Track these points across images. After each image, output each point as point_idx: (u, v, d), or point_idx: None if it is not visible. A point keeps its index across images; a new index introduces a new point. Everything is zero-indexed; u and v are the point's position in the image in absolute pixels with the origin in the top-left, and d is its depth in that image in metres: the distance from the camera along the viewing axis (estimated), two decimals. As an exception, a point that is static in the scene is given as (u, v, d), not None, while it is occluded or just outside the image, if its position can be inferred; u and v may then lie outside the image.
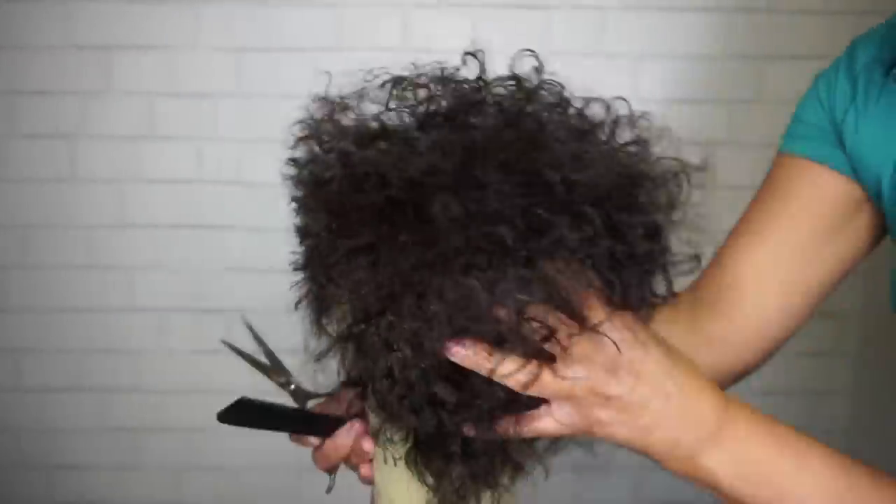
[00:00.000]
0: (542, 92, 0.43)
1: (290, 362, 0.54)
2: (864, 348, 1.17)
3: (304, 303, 0.43)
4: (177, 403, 1.17)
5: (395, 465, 0.45)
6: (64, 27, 1.07)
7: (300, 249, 0.43)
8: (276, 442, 1.03)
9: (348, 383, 0.46)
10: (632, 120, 0.45)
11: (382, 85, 0.42)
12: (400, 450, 0.44)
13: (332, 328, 0.43)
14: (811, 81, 0.64)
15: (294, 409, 0.53)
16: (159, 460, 1.19)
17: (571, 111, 0.43)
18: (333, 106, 0.42)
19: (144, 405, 1.17)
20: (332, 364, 0.44)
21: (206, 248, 1.14)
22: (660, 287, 0.43)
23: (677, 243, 0.43)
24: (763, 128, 1.13)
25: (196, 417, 1.18)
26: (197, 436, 1.18)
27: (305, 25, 1.07)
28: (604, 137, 0.43)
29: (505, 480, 0.44)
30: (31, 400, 1.17)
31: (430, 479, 0.43)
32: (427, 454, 0.43)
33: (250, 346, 0.55)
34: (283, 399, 0.53)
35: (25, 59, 1.08)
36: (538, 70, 0.43)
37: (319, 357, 0.44)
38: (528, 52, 0.43)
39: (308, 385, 0.54)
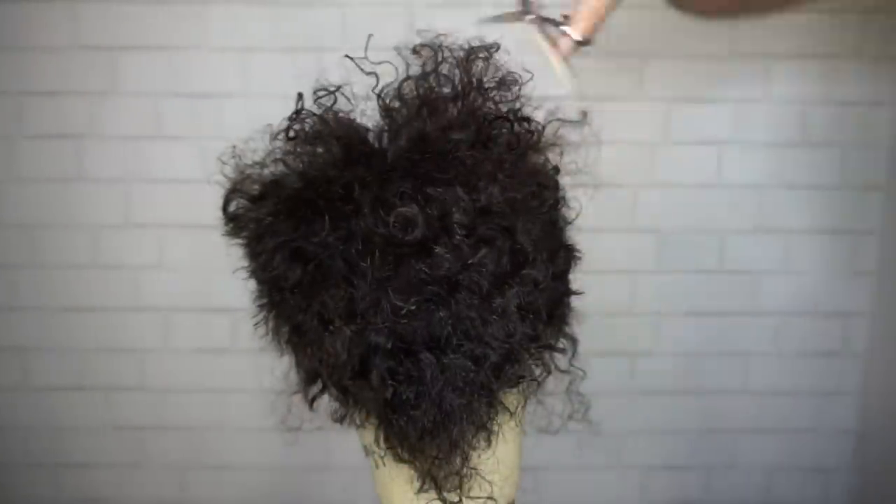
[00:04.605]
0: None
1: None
2: (874, 348, 1.17)
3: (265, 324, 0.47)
4: (182, 402, 1.18)
5: (385, 465, 0.45)
6: (70, 28, 1.07)
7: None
8: (282, 441, 1.03)
9: (308, 381, 0.47)
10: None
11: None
12: (369, 435, 0.45)
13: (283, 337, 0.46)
14: (818, 80, 0.64)
15: None
16: (164, 459, 1.19)
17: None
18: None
19: (149, 404, 1.18)
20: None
21: (212, 248, 1.13)
22: None
23: None
24: (769, 127, 1.13)
25: (201, 416, 1.18)
26: (202, 434, 1.19)
27: (311, 25, 1.08)
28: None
29: (479, 443, 0.45)
30: (37, 399, 1.18)
31: (405, 455, 0.44)
32: (397, 432, 0.43)
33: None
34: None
35: (32, 60, 1.08)
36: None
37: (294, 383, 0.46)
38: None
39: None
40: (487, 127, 0.43)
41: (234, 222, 0.47)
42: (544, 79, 0.46)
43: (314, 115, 0.46)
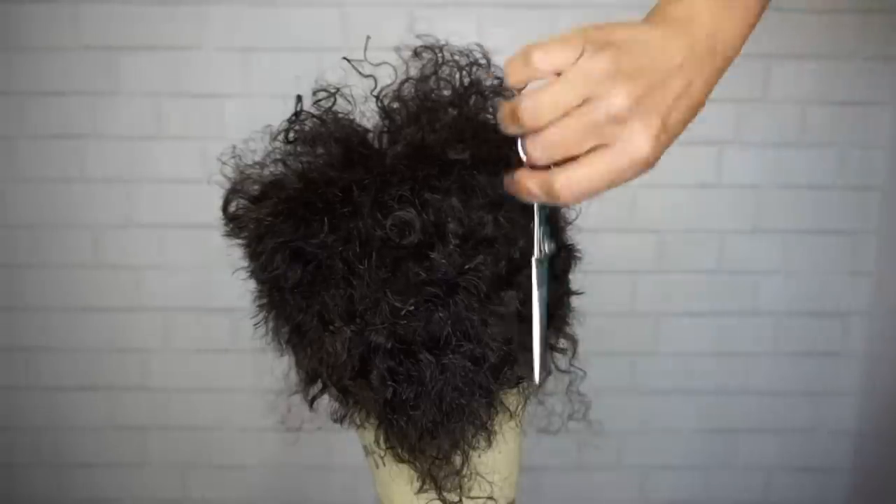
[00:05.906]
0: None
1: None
2: (872, 348, 1.17)
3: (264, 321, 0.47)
4: (183, 402, 1.18)
5: (385, 465, 0.45)
6: (72, 28, 1.08)
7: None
8: (282, 441, 1.03)
9: (308, 381, 0.47)
10: None
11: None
12: (369, 435, 0.45)
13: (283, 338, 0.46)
14: (817, 80, 0.64)
15: None
16: (166, 458, 1.20)
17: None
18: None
19: (151, 404, 1.18)
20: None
21: (213, 248, 1.14)
22: None
23: None
24: (769, 127, 1.13)
25: (202, 416, 1.19)
26: (203, 434, 1.19)
27: (311, 25, 1.08)
28: None
29: (479, 443, 0.45)
30: (40, 398, 1.18)
31: (405, 455, 0.44)
32: (397, 432, 0.43)
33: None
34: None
35: (34, 61, 1.09)
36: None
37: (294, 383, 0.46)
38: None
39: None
40: (486, 146, 0.43)
41: (235, 222, 0.47)
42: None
43: (314, 116, 0.46)
